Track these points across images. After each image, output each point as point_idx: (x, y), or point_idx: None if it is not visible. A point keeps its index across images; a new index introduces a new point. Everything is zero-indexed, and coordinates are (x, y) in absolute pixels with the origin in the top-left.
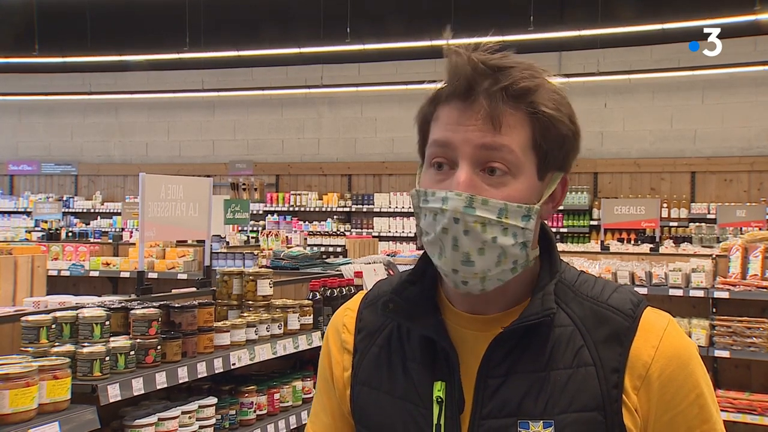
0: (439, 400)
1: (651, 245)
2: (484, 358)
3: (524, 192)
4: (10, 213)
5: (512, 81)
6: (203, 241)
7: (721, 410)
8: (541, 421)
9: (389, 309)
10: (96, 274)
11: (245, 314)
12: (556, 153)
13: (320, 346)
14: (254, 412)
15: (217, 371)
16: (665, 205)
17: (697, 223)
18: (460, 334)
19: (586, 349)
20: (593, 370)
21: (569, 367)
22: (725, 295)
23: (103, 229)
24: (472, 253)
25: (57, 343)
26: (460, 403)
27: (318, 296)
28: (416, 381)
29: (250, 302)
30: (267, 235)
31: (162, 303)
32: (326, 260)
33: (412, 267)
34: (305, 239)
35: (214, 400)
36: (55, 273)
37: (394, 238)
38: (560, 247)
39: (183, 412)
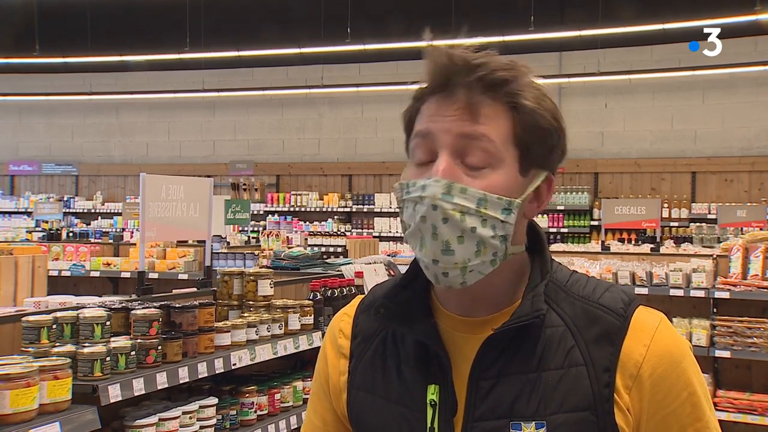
0: (433, 403)
1: (652, 245)
2: (476, 360)
3: (505, 185)
4: (10, 213)
5: (488, 71)
6: (204, 242)
7: (722, 410)
8: (533, 422)
9: (380, 314)
10: (97, 274)
11: (246, 314)
12: (538, 148)
13: (321, 347)
14: (255, 412)
15: (217, 371)
16: (666, 205)
17: (698, 224)
18: (452, 337)
19: (577, 349)
20: (584, 370)
21: (560, 367)
22: (726, 295)
23: (104, 230)
24: (452, 241)
25: (58, 344)
26: (453, 406)
27: (318, 296)
28: (410, 385)
29: (251, 302)
30: (267, 236)
31: (162, 303)
32: (327, 260)
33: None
34: (306, 239)
35: (214, 400)
36: (55, 273)
37: (394, 239)
38: (561, 247)
39: (184, 413)
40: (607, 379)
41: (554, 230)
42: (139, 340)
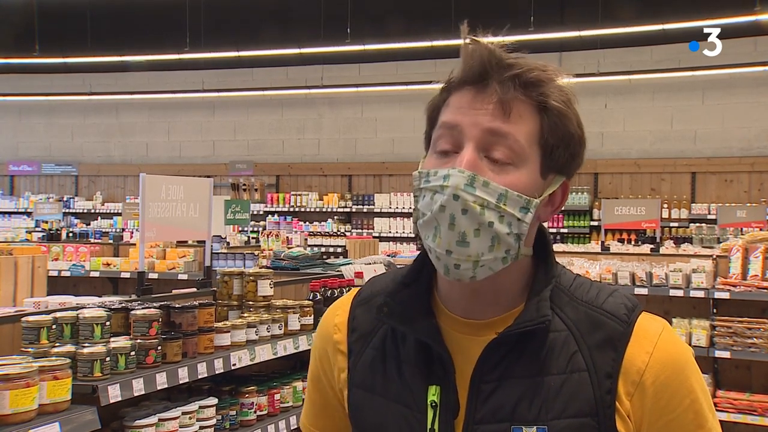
0: (434, 404)
1: (651, 246)
2: (478, 363)
3: (525, 184)
4: (10, 213)
5: (525, 70)
6: (203, 242)
7: (722, 411)
8: (535, 427)
9: (384, 313)
10: (96, 274)
11: (245, 315)
12: (561, 152)
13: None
14: (254, 412)
15: (217, 372)
16: (665, 205)
17: (698, 224)
18: (455, 339)
19: (579, 355)
20: (587, 376)
21: (563, 372)
22: (726, 295)
23: (104, 230)
24: (468, 233)
25: (57, 344)
26: (455, 408)
27: (318, 297)
28: (411, 384)
29: (251, 303)
30: (267, 236)
31: (162, 303)
32: (326, 261)
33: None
34: (305, 240)
35: (214, 400)
36: (55, 273)
37: (394, 239)
38: (560, 247)
39: (183, 413)
40: (609, 386)
41: (554, 230)
42: (138, 341)
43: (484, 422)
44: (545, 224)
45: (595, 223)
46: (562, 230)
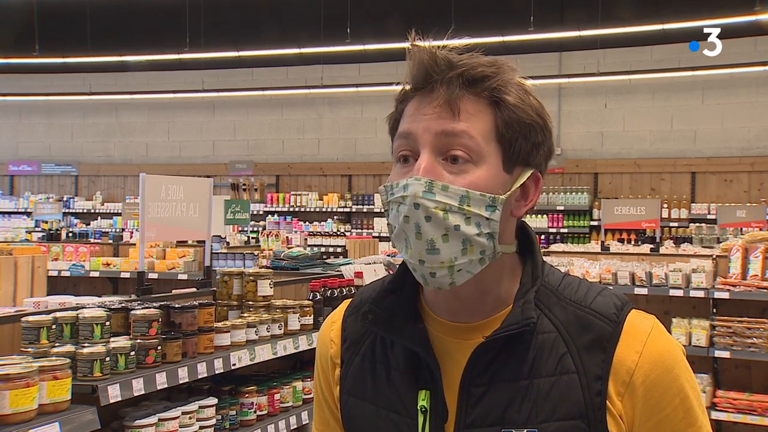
0: (423, 409)
1: (651, 246)
2: (467, 367)
3: (487, 181)
4: (10, 213)
5: (469, 67)
6: (203, 242)
7: (722, 410)
8: (525, 430)
9: (369, 320)
10: (96, 274)
11: (245, 314)
12: (521, 144)
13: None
14: (254, 412)
15: (217, 372)
16: (665, 205)
17: (698, 224)
18: (443, 343)
19: (569, 356)
20: (576, 378)
21: (552, 374)
22: (725, 295)
23: (104, 230)
24: (437, 240)
25: (57, 344)
26: (444, 413)
27: (318, 296)
28: (400, 390)
29: (251, 303)
30: (267, 236)
31: (162, 303)
32: (326, 260)
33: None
34: (305, 239)
35: (214, 400)
36: (55, 273)
37: None
38: (560, 247)
39: (183, 413)
40: (598, 387)
41: (554, 230)
42: (138, 341)
43: (475, 426)
44: (543, 223)
45: (595, 223)
46: (562, 230)
